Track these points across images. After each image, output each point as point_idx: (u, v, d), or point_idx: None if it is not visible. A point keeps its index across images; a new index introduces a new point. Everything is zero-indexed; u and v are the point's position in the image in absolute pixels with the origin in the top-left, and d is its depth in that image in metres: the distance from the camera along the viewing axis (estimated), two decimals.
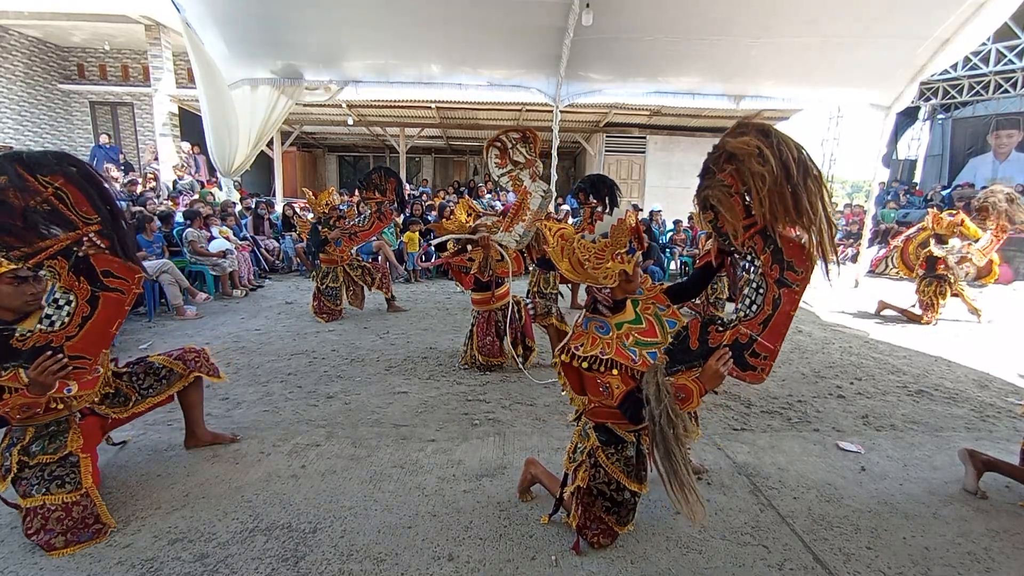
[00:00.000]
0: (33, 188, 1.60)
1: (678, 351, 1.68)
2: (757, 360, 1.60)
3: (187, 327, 4.89)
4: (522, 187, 3.51)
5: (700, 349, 1.66)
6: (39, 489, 1.83)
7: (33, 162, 1.61)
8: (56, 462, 1.87)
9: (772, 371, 3.85)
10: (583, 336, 1.75)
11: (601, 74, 7.06)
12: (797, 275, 1.54)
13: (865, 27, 5.90)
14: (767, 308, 1.57)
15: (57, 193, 1.64)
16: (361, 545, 1.88)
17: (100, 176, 1.76)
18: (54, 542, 1.80)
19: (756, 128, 1.52)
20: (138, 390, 2.23)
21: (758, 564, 1.83)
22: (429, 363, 3.96)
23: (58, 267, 1.71)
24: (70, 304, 1.74)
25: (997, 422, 3.14)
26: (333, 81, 7.15)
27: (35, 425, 1.89)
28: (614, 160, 12.73)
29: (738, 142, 1.51)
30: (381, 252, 7.69)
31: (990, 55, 12.22)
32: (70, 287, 1.73)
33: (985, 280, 6.04)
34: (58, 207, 1.65)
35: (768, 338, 1.58)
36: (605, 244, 1.75)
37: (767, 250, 1.55)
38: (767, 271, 1.57)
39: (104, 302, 1.77)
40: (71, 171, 1.65)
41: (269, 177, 13.69)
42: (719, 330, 1.64)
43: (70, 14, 10.42)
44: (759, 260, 1.58)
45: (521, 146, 3.55)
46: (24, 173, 1.59)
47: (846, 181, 31.57)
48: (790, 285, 1.54)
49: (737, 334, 1.61)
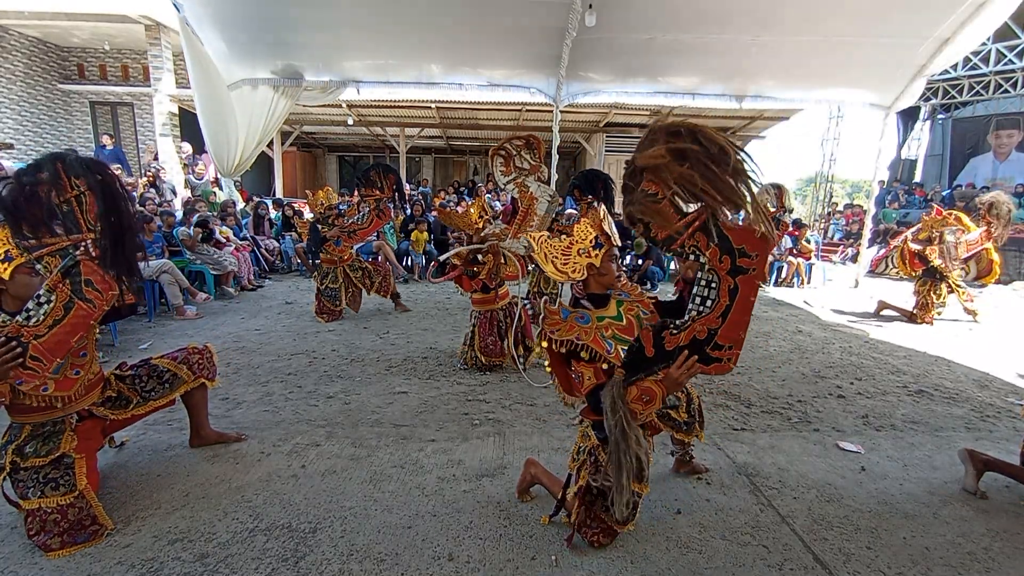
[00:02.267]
0: (64, 187, 1.73)
1: (634, 362, 1.65)
2: (721, 352, 1.58)
3: (187, 327, 4.90)
4: (528, 193, 3.53)
5: (657, 355, 1.62)
6: (34, 492, 1.84)
7: (70, 164, 1.74)
8: (50, 464, 1.87)
9: (772, 371, 3.89)
10: (561, 323, 1.75)
11: (601, 74, 7.06)
12: (751, 259, 1.51)
13: (865, 27, 5.90)
14: (723, 299, 1.54)
15: (79, 196, 1.76)
16: (361, 545, 1.88)
17: (122, 192, 1.84)
18: (51, 543, 1.81)
19: (665, 131, 1.46)
20: (140, 393, 2.22)
21: (758, 564, 1.83)
22: (429, 363, 3.96)
23: (52, 264, 1.80)
24: (49, 304, 1.77)
25: (997, 422, 3.14)
26: (333, 81, 7.15)
27: (32, 424, 1.90)
28: (614, 160, 12.72)
29: (647, 157, 1.46)
30: (381, 252, 7.69)
31: (990, 55, 12.23)
32: (54, 287, 1.77)
33: (985, 280, 6.04)
34: (75, 209, 1.77)
35: (730, 328, 1.56)
36: (571, 242, 1.82)
37: (711, 244, 1.51)
38: (716, 264, 1.53)
39: (75, 310, 1.80)
40: (95, 179, 1.76)
41: (269, 177, 13.69)
42: (674, 333, 1.60)
43: (70, 14, 10.42)
44: (705, 256, 1.54)
45: (526, 152, 3.57)
46: (61, 173, 1.72)
47: (846, 181, 31.57)
48: (746, 271, 1.52)
49: (694, 332, 1.58)
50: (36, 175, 1.71)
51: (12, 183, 1.71)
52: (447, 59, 6.84)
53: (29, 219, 1.73)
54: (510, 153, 3.60)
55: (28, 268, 1.83)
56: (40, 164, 1.73)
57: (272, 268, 8.25)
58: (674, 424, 2.18)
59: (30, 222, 1.73)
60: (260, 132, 7.36)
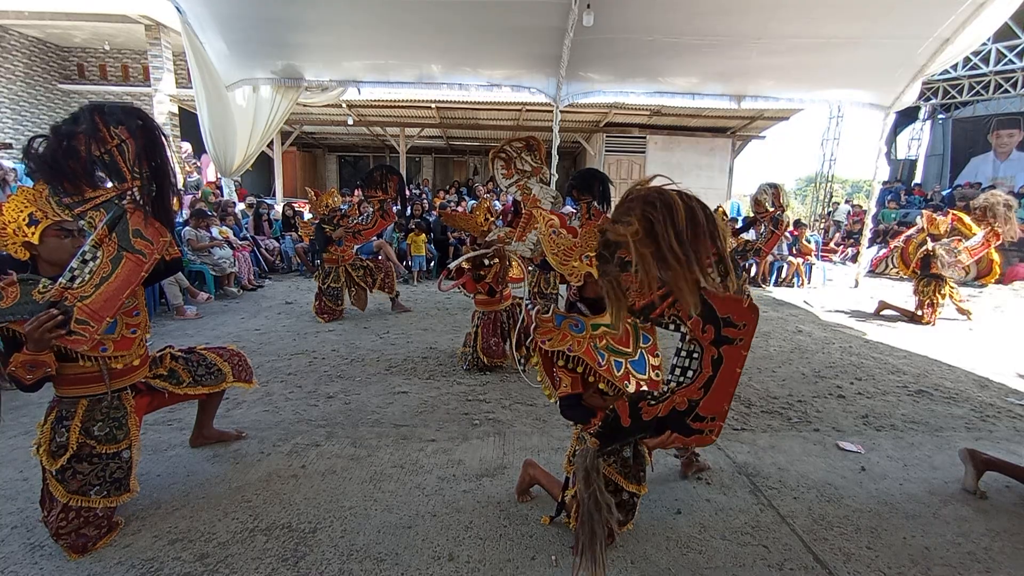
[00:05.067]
0: (103, 138, 1.65)
1: (609, 432, 1.57)
2: (703, 423, 1.49)
3: (187, 327, 4.89)
4: (531, 195, 3.52)
5: (633, 425, 1.53)
6: (99, 491, 1.78)
7: (108, 112, 1.66)
8: (113, 458, 1.82)
9: (772, 371, 3.89)
10: (553, 332, 1.72)
11: (601, 74, 7.06)
12: (738, 329, 1.41)
13: (865, 27, 5.90)
14: (707, 370, 1.44)
15: (120, 145, 1.68)
16: (361, 545, 1.88)
17: (160, 133, 1.77)
18: (87, 544, 1.77)
19: (642, 200, 1.36)
20: (192, 375, 2.19)
21: (758, 564, 1.83)
22: (429, 363, 3.96)
23: (97, 219, 1.72)
24: (95, 260, 1.70)
25: (997, 422, 3.14)
26: (333, 81, 7.15)
27: (88, 397, 1.82)
28: (614, 160, 12.73)
29: (615, 232, 1.38)
30: (382, 251, 7.68)
31: (990, 55, 12.22)
32: (100, 241, 1.70)
33: (985, 280, 6.04)
34: (117, 159, 1.68)
35: (712, 400, 1.46)
36: (574, 244, 1.76)
37: (692, 314, 1.41)
38: (699, 335, 1.43)
39: (124, 264, 1.72)
40: (136, 124, 1.68)
41: (269, 177, 13.70)
42: (651, 404, 1.51)
43: (70, 14, 10.43)
44: (686, 326, 1.45)
45: (526, 154, 3.56)
46: (99, 123, 1.64)
47: (846, 181, 31.58)
48: (732, 341, 1.42)
49: (673, 404, 1.49)
50: (74, 127, 1.63)
51: (49, 138, 1.64)
52: (447, 59, 6.84)
53: (69, 174, 1.66)
54: (510, 156, 3.59)
55: (57, 230, 1.75)
56: (77, 116, 1.64)
57: (272, 268, 8.26)
58: None
59: (70, 177, 1.67)
60: (261, 132, 7.37)
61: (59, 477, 1.76)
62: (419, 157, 17.37)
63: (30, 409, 2.87)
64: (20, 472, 2.30)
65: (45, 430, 1.79)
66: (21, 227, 1.72)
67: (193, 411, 2.60)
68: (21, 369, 1.62)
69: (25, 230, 1.72)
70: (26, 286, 1.67)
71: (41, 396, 1.87)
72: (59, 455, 1.76)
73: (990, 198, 5.54)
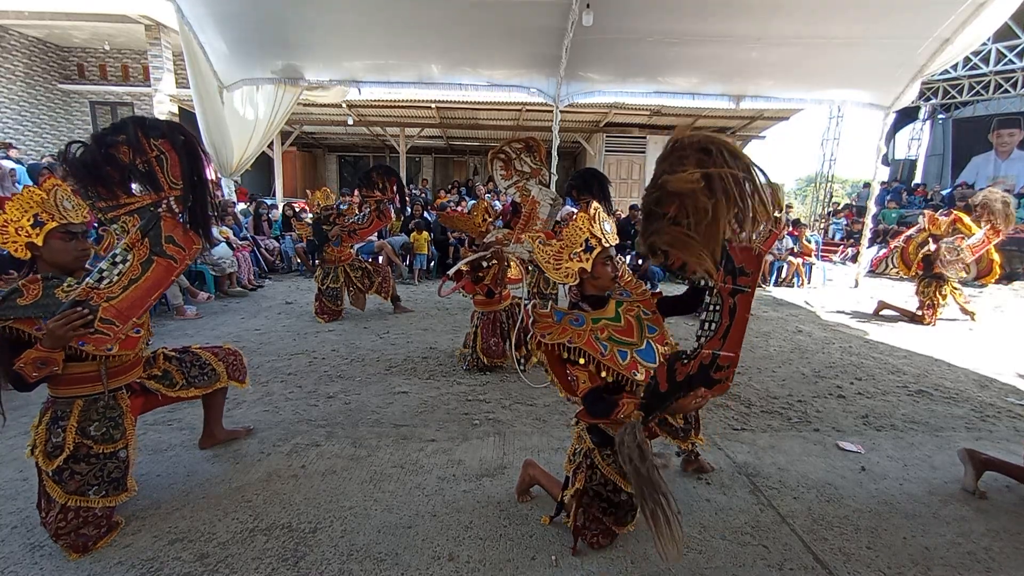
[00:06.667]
0: (143, 148, 1.75)
1: (651, 400, 1.60)
2: (721, 372, 1.54)
3: (187, 327, 4.90)
4: (530, 197, 3.52)
5: (670, 388, 1.57)
6: (98, 491, 1.78)
7: (150, 125, 1.76)
8: (110, 457, 1.82)
9: (772, 371, 3.89)
10: (553, 326, 1.72)
11: (601, 74, 7.06)
12: (747, 277, 1.49)
13: (865, 27, 5.90)
14: (724, 320, 1.51)
15: (159, 156, 1.77)
16: (361, 545, 1.88)
17: (201, 149, 1.87)
18: (87, 544, 1.77)
19: (696, 147, 1.36)
20: (185, 376, 2.19)
21: (758, 564, 1.83)
22: (429, 363, 3.96)
23: (130, 224, 1.80)
24: (125, 263, 1.75)
25: (997, 422, 3.14)
26: (334, 81, 7.15)
27: (83, 398, 1.82)
28: (614, 160, 12.73)
29: (680, 181, 1.37)
30: (383, 252, 7.68)
31: (990, 55, 12.23)
32: (132, 245, 1.76)
33: (985, 280, 6.04)
34: (155, 169, 1.78)
35: (729, 347, 1.52)
36: (561, 246, 1.80)
37: (720, 267, 1.47)
38: (722, 287, 1.50)
39: (154, 268, 1.79)
40: (179, 139, 1.78)
41: (269, 177, 13.69)
42: (684, 363, 1.55)
43: (70, 14, 10.44)
44: (712, 280, 1.51)
45: (526, 155, 3.55)
46: (140, 135, 1.73)
47: (846, 181, 31.56)
48: (743, 289, 1.49)
49: (701, 359, 1.54)
50: (115, 137, 1.72)
51: (89, 145, 1.72)
52: (447, 59, 6.84)
53: (106, 180, 1.74)
54: (510, 157, 3.59)
55: (62, 232, 1.78)
56: (119, 127, 1.74)
57: (272, 268, 8.26)
58: (671, 430, 2.19)
59: (106, 183, 1.75)
60: (261, 133, 7.37)
61: (56, 478, 1.75)
62: (419, 157, 17.37)
63: (30, 409, 2.85)
64: (20, 472, 2.30)
65: (40, 431, 1.80)
66: (24, 227, 1.74)
67: (193, 411, 2.60)
68: (30, 366, 1.63)
69: (29, 230, 1.74)
70: (49, 284, 1.71)
71: (41, 396, 1.88)
72: (55, 456, 1.76)
73: (988, 196, 5.54)
